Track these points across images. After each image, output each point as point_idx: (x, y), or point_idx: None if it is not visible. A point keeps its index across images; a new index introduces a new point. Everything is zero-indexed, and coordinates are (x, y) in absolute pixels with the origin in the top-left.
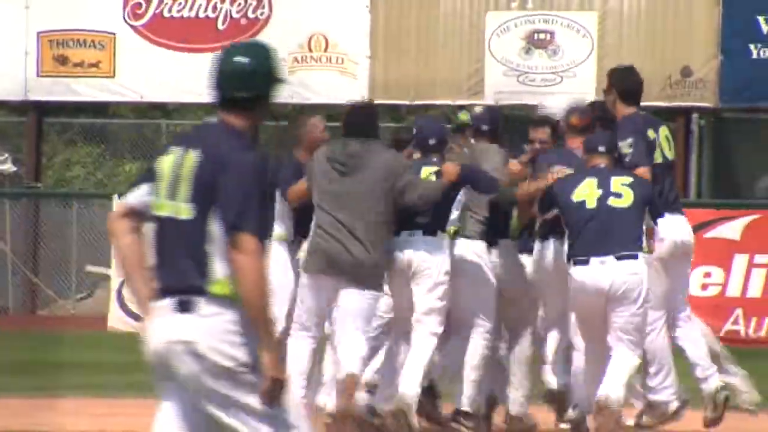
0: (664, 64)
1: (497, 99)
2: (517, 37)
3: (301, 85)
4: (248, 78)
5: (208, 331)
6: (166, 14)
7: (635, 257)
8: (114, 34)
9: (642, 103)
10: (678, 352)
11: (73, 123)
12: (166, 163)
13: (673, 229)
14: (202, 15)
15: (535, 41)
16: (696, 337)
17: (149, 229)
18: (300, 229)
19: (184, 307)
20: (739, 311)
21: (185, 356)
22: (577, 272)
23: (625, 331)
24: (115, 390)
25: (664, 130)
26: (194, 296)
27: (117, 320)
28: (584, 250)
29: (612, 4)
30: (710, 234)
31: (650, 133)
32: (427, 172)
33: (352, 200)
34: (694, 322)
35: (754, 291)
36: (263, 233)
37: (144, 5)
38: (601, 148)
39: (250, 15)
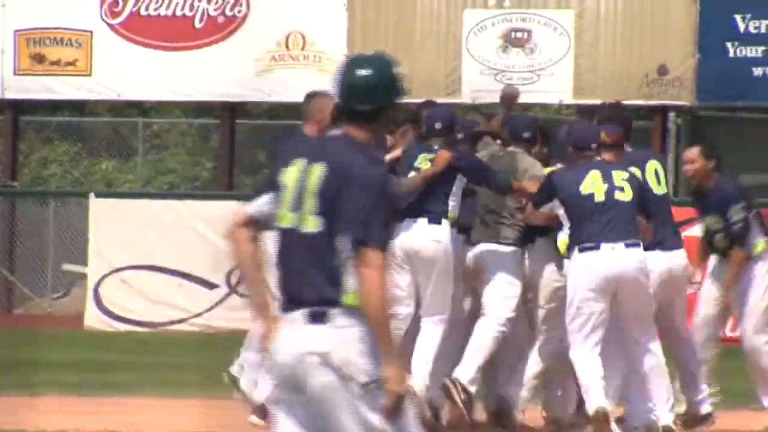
0: (641, 63)
1: (474, 97)
2: (494, 36)
3: (279, 84)
4: (371, 91)
5: (343, 342)
6: (143, 12)
7: (638, 245)
8: (91, 32)
9: (619, 101)
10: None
11: (50, 121)
12: (289, 175)
13: (661, 262)
14: (179, 13)
15: (512, 40)
16: (690, 358)
17: (268, 238)
18: None
19: (317, 319)
20: None
21: (319, 368)
22: (585, 257)
23: (640, 318)
24: (91, 388)
25: (652, 165)
26: (328, 307)
27: (93, 319)
28: (593, 237)
29: (589, 2)
30: (687, 233)
31: (633, 170)
32: (423, 159)
33: None
34: (689, 343)
35: None
36: (387, 246)
37: (121, 3)
38: (594, 146)
39: (228, 13)
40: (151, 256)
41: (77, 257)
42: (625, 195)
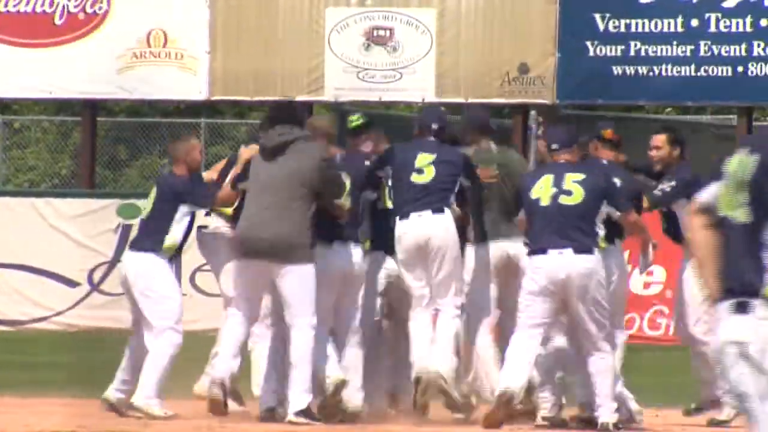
0: (502, 61)
1: (337, 95)
2: (357, 34)
3: (141, 81)
4: None
5: (761, 334)
6: (2, 9)
7: (590, 251)
8: None
9: (480, 100)
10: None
11: None
12: (731, 164)
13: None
14: (39, 10)
15: (375, 38)
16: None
17: None
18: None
19: (739, 309)
20: None
21: (736, 358)
22: (535, 260)
23: (589, 322)
24: None
25: None
26: (750, 298)
27: None
28: (542, 243)
29: (450, 1)
30: None
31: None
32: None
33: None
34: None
35: None
36: None
37: None
38: (554, 146)
39: (88, 10)
40: (11, 254)
41: None
42: (573, 198)
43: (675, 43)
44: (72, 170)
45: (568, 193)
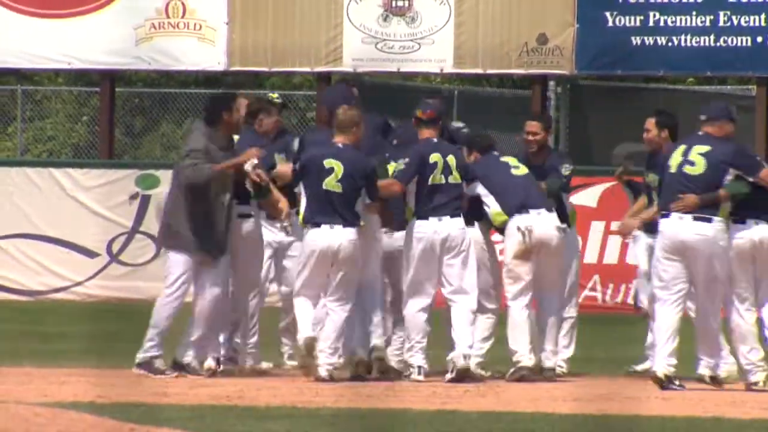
0: (520, 32)
1: (355, 66)
2: (375, 4)
3: (159, 52)
4: None
5: None
6: None
7: (709, 220)
8: None
9: (500, 71)
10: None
11: None
12: None
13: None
14: None
15: (393, 8)
16: None
17: None
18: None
19: None
20: (596, 277)
21: None
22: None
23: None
24: None
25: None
26: None
27: None
28: (667, 207)
29: None
30: None
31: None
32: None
33: None
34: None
35: (611, 257)
36: None
37: None
38: (702, 117)
39: None
40: (30, 224)
41: None
42: (696, 169)
43: (694, 13)
44: (87, 140)
45: (692, 163)
